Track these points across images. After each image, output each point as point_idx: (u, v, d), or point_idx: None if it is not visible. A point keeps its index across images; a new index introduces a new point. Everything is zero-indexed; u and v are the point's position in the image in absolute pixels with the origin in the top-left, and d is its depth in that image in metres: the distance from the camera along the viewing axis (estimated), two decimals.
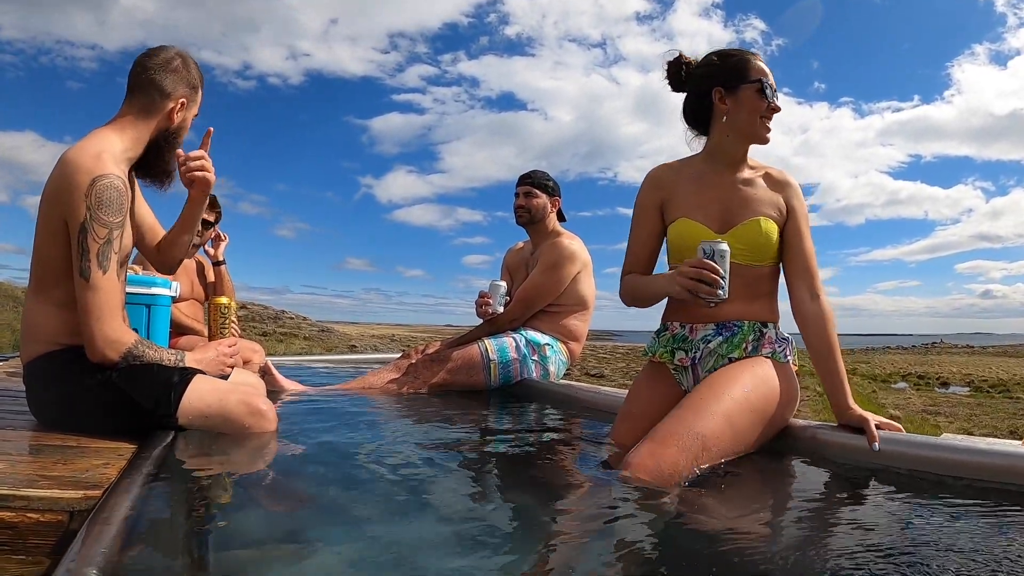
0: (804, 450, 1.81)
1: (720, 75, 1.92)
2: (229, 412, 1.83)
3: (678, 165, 2.03)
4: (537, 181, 3.37)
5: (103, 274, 1.74)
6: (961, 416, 11.88)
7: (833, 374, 1.81)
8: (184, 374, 1.83)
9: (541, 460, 1.97)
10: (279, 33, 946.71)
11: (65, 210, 1.71)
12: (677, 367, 1.97)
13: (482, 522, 1.35)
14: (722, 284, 1.69)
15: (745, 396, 1.71)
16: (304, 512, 1.36)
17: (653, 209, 2.01)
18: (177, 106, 1.92)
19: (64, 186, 1.71)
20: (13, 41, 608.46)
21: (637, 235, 2.05)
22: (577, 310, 3.33)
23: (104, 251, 1.73)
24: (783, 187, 1.95)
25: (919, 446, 1.65)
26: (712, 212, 1.91)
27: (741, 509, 1.47)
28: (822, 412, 7.84)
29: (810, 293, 1.88)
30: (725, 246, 1.71)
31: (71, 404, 1.77)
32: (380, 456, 1.82)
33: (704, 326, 1.92)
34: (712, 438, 1.61)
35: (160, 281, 2.58)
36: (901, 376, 22.97)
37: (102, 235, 1.72)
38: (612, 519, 1.37)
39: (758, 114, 1.88)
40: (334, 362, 4.84)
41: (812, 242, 1.93)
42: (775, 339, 1.89)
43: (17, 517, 1.18)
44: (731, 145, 1.93)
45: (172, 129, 1.94)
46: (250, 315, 17.26)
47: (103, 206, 1.71)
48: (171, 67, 1.91)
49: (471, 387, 3.15)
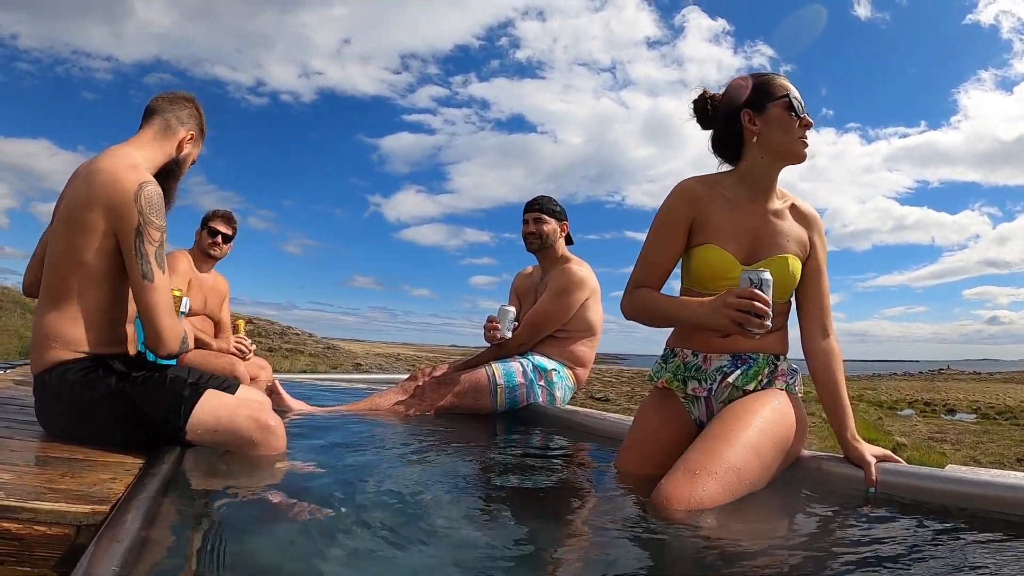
0: (811, 479, 1.81)
1: (748, 97, 1.88)
2: (238, 427, 1.84)
3: (709, 181, 1.93)
4: (545, 207, 3.37)
5: (162, 274, 1.84)
6: (967, 443, 11.76)
7: (839, 409, 1.81)
8: (196, 388, 1.85)
9: (547, 486, 1.96)
10: (292, 51, 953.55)
11: (112, 217, 1.77)
12: (689, 396, 1.92)
13: (489, 548, 1.35)
14: (770, 314, 1.62)
15: (769, 428, 1.70)
16: (311, 534, 1.36)
17: (683, 225, 1.90)
18: (188, 137, 2.06)
19: (110, 194, 1.76)
20: (30, 50, 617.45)
21: (658, 247, 1.93)
22: (585, 336, 3.32)
23: (159, 253, 1.83)
24: (808, 223, 1.92)
25: (922, 478, 1.67)
26: (742, 243, 1.86)
27: (760, 537, 1.48)
28: (827, 439, 7.80)
29: (822, 331, 1.88)
30: (769, 275, 1.63)
31: (83, 414, 1.77)
32: (386, 479, 1.82)
33: (719, 356, 1.87)
34: (745, 470, 1.60)
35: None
36: (907, 403, 22.78)
37: (156, 238, 1.82)
38: (620, 547, 1.37)
39: (791, 131, 1.83)
40: (346, 381, 4.79)
41: (828, 280, 1.92)
42: (787, 371, 1.88)
43: (24, 529, 1.18)
44: (765, 167, 1.88)
45: (179, 159, 2.06)
46: (256, 330, 17.26)
47: (154, 210, 1.80)
48: (188, 107, 2.08)
49: (477, 411, 3.14)
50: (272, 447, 1.87)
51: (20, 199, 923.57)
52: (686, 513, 1.49)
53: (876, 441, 1.86)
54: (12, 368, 3.46)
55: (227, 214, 3.90)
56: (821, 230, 1.94)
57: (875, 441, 1.77)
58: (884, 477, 1.69)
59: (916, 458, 7.50)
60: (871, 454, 1.74)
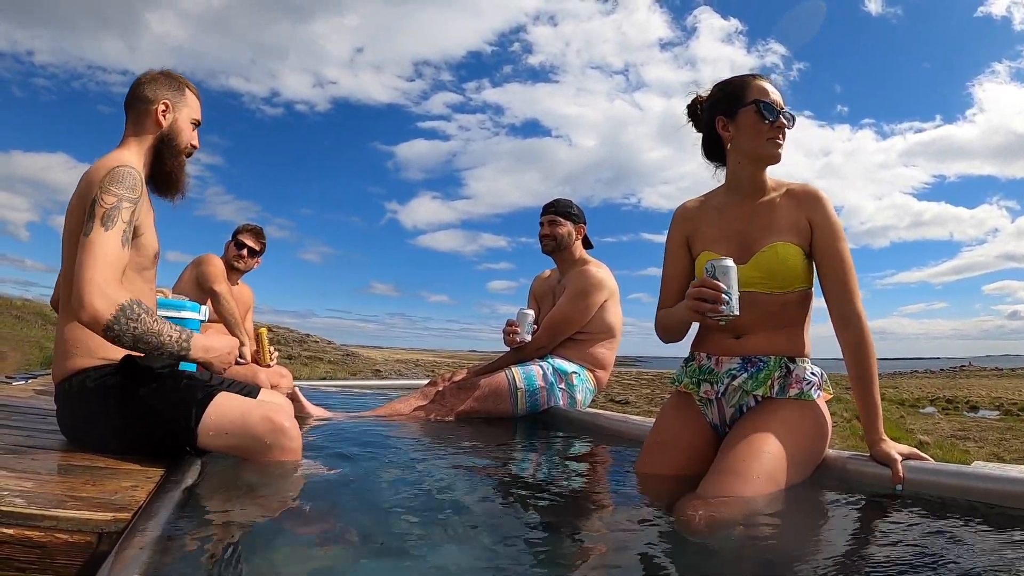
0: (836, 479, 1.78)
1: (720, 104, 1.90)
2: (251, 428, 1.78)
3: (703, 198, 2.02)
4: (560, 209, 3.37)
5: (104, 231, 1.66)
6: (991, 441, 11.62)
7: (867, 405, 1.75)
8: (209, 390, 1.81)
9: (570, 491, 1.95)
10: (306, 60, 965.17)
11: (84, 199, 1.72)
12: (703, 399, 1.92)
13: (514, 553, 1.33)
14: (725, 300, 1.62)
15: (782, 451, 1.66)
16: (334, 543, 1.35)
17: (681, 246, 2.00)
18: (161, 107, 1.93)
19: (84, 190, 1.74)
20: (46, 66, 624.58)
21: (668, 272, 2.02)
22: (604, 338, 3.31)
23: (110, 214, 1.68)
24: (804, 203, 1.85)
25: (949, 475, 1.64)
26: (732, 243, 1.87)
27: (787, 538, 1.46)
28: (849, 438, 7.74)
29: (843, 320, 1.79)
30: (728, 262, 1.65)
31: (101, 420, 1.77)
32: (408, 485, 1.81)
33: (729, 359, 1.87)
34: (760, 499, 1.58)
35: (189, 305, 2.61)
36: (929, 400, 22.57)
37: (109, 202, 1.69)
38: (644, 554, 1.35)
39: (761, 134, 1.82)
40: (369, 387, 4.80)
41: (844, 259, 1.80)
42: (802, 377, 1.80)
43: (46, 537, 1.18)
44: (744, 171, 1.89)
45: (166, 133, 1.95)
46: (276, 338, 17.33)
47: (115, 181, 1.72)
48: (149, 78, 1.96)
49: (498, 415, 3.13)
50: (287, 450, 1.79)
51: (39, 212, 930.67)
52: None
53: (898, 440, 1.81)
54: (34, 378, 3.48)
55: (256, 229, 3.97)
56: (822, 204, 1.83)
57: (897, 440, 1.72)
58: (911, 475, 1.66)
59: (940, 456, 7.42)
60: (897, 452, 1.71)
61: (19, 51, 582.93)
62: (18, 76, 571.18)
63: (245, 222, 4.00)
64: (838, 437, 8.39)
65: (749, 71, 2.35)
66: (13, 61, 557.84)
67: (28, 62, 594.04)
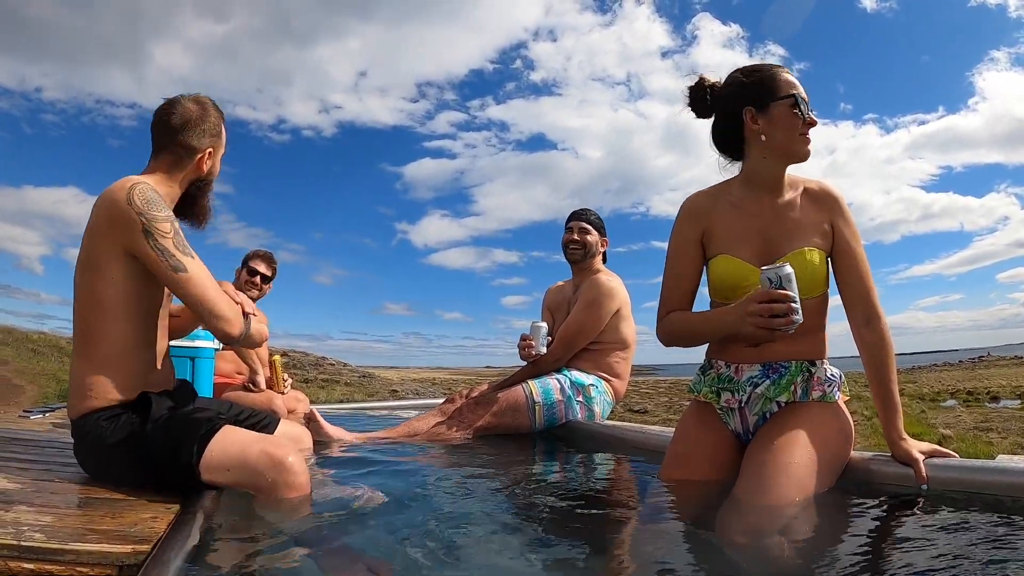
0: (861, 481, 1.76)
1: (748, 94, 1.80)
2: (250, 464, 1.70)
3: (715, 191, 1.91)
4: (591, 218, 3.39)
5: (192, 259, 1.75)
6: (1015, 431, 11.45)
7: (886, 405, 1.73)
8: (212, 424, 1.75)
9: (593, 506, 1.91)
10: (311, 86, 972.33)
11: (116, 232, 1.71)
12: (724, 408, 1.87)
13: (541, 570, 1.32)
14: (796, 309, 1.57)
15: (812, 456, 1.63)
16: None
17: (693, 242, 1.89)
18: (205, 156, 1.93)
19: (106, 212, 1.72)
20: (55, 102, 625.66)
21: (677, 270, 1.92)
22: (618, 348, 3.30)
23: (178, 241, 1.74)
24: (825, 205, 1.81)
25: (973, 471, 1.63)
26: (754, 246, 1.81)
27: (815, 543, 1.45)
28: (870, 436, 7.65)
29: (864, 320, 1.76)
30: (789, 269, 1.59)
31: (110, 459, 1.76)
32: (427, 507, 1.78)
33: (750, 367, 1.82)
34: (794, 506, 1.55)
35: (203, 334, 2.60)
36: (950, 393, 22.33)
37: (167, 229, 1.72)
38: (684, 563, 1.34)
39: (795, 131, 1.75)
40: (387, 409, 4.77)
41: (863, 260, 1.78)
42: (823, 379, 1.78)
43: (67, 571, 1.18)
44: (769, 167, 1.81)
45: (204, 178, 1.97)
46: (291, 362, 17.34)
47: (151, 204, 1.72)
48: (192, 122, 1.90)
49: (516, 430, 3.11)
50: (291, 486, 1.69)
51: (52, 246, 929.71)
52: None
53: (921, 435, 1.78)
54: (51, 411, 3.50)
55: (267, 255, 3.94)
56: (842, 208, 1.80)
57: (920, 435, 1.68)
58: (934, 473, 1.64)
59: (963, 449, 7.32)
60: (918, 450, 1.68)
61: (27, 88, 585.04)
62: (27, 113, 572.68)
63: (256, 248, 3.99)
64: (862, 435, 8.30)
65: (768, 61, 2.27)
66: (22, 98, 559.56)
67: (36, 99, 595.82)
